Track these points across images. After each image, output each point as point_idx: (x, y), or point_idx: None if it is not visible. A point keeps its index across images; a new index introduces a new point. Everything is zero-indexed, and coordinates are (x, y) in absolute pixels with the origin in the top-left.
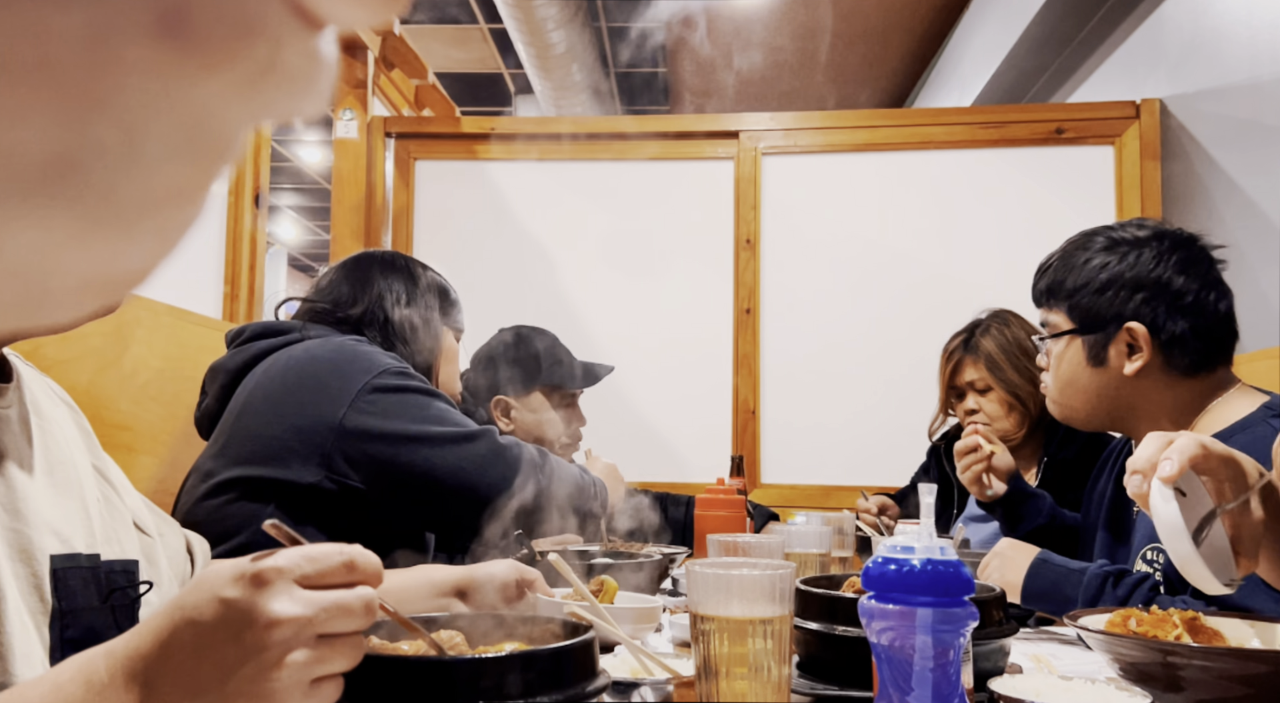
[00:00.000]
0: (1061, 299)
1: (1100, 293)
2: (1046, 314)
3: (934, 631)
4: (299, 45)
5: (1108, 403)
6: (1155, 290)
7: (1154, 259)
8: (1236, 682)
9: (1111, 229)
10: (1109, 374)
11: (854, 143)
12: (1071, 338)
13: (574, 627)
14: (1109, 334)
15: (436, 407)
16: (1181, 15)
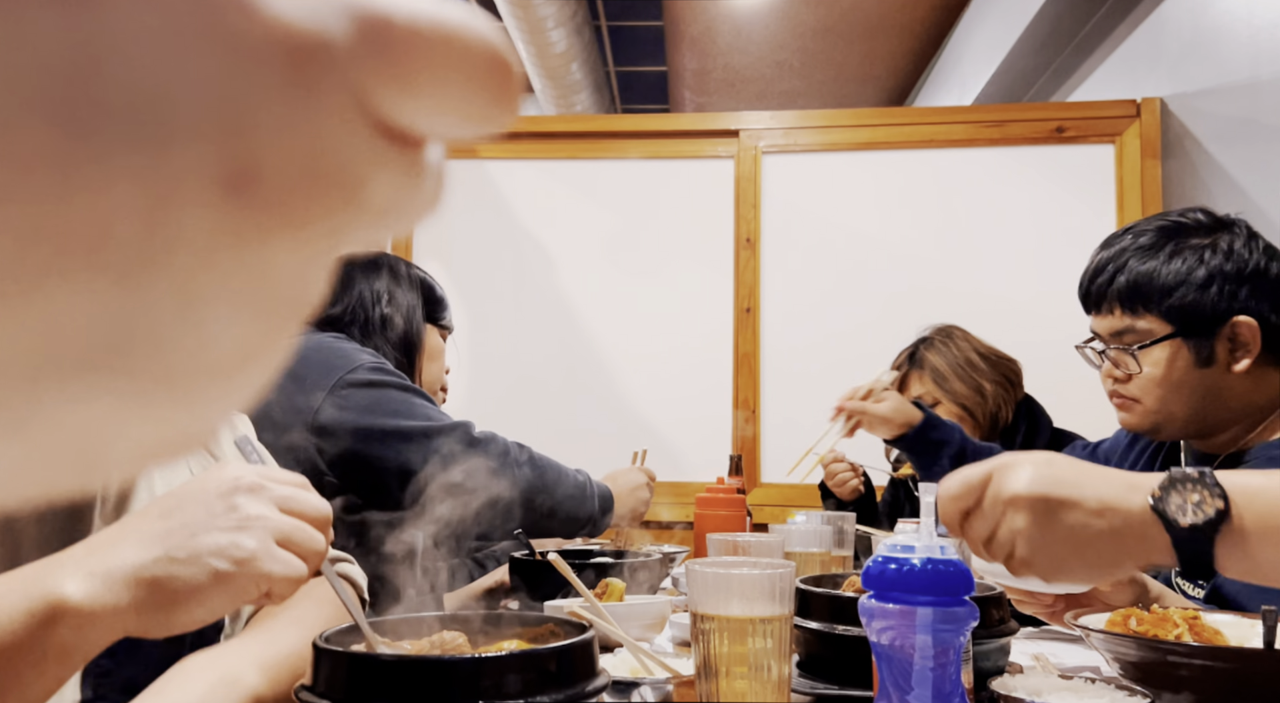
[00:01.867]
0: (1155, 302)
1: (1202, 289)
2: (1130, 320)
3: (934, 630)
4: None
5: (1208, 405)
6: (1258, 281)
7: (1244, 247)
8: (1237, 681)
9: (1160, 219)
10: (1215, 374)
11: (854, 142)
12: (1175, 342)
13: (574, 626)
14: (1214, 332)
15: (411, 402)
16: (1182, 14)
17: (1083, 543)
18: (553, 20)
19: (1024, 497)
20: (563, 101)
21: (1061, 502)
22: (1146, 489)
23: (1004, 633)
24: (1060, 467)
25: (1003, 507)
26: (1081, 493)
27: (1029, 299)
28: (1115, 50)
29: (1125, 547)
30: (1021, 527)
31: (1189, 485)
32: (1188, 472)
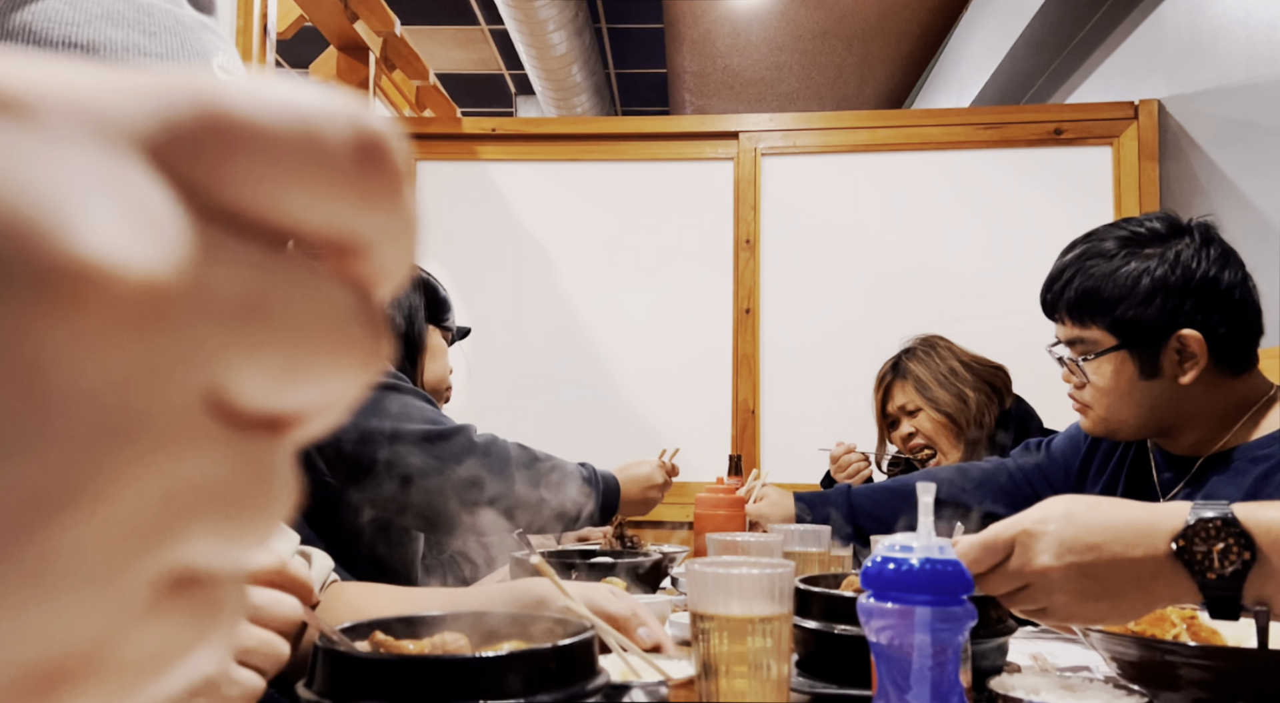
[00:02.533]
0: (1100, 315)
1: (1146, 303)
2: (1079, 331)
3: (933, 629)
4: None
5: (1160, 413)
6: (1204, 293)
7: (1193, 257)
8: (1234, 681)
9: (1121, 227)
10: (1163, 385)
11: (853, 143)
12: (1119, 355)
13: (574, 626)
14: (1159, 345)
15: (411, 404)
16: (1179, 16)
17: (1116, 598)
18: (554, 23)
19: (1055, 568)
20: (563, 103)
21: (1091, 565)
22: (1169, 534)
23: (1002, 632)
24: (1080, 524)
25: (1032, 576)
26: (1109, 552)
27: (1027, 300)
28: (1113, 52)
29: (1155, 594)
30: (1057, 594)
31: (1212, 532)
32: (1210, 517)
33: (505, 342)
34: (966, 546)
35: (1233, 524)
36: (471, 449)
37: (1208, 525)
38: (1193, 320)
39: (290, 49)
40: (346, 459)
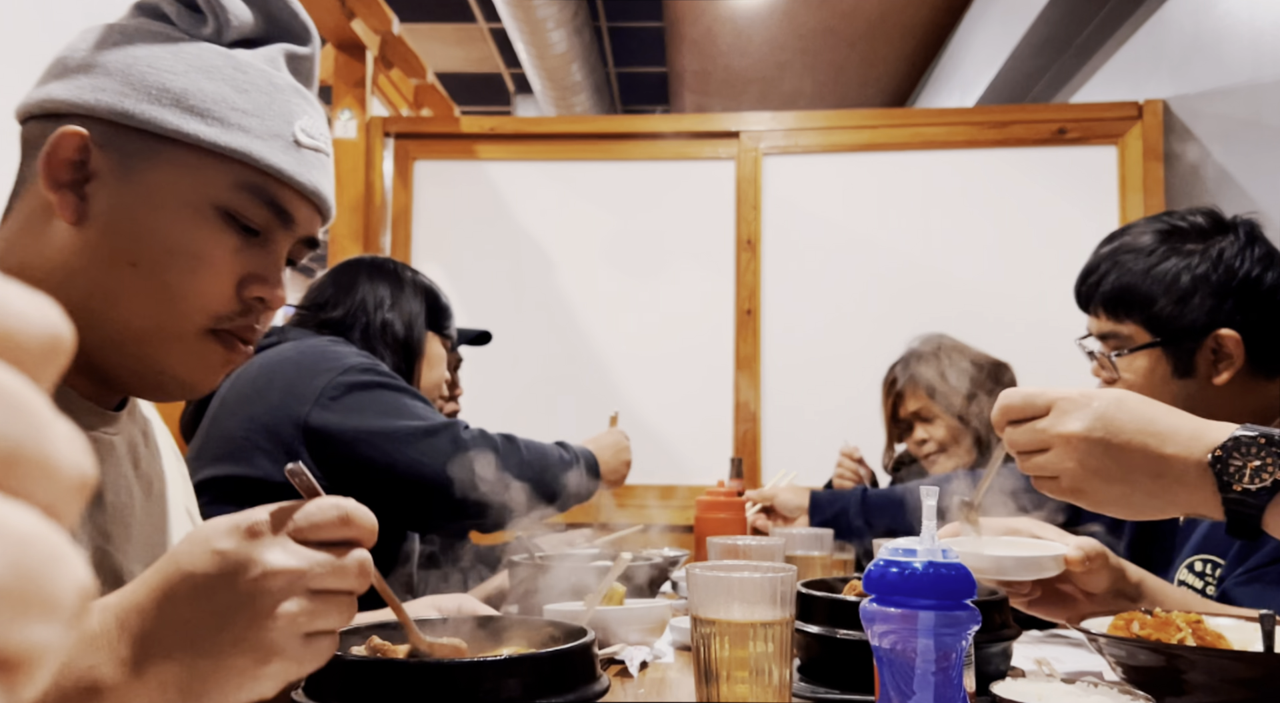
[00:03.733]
0: (1136, 310)
1: (1184, 301)
2: (1113, 325)
3: (935, 634)
4: None
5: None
6: (1245, 293)
7: (1236, 256)
8: (1240, 685)
9: (1161, 221)
10: (1195, 385)
11: (855, 143)
12: (1153, 352)
13: (573, 630)
14: (1195, 343)
15: (401, 401)
16: (1184, 16)
17: (1130, 485)
18: (553, 21)
19: (1080, 437)
20: (563, 103)
21: (1121, 448)
22: (1209, 443)
23: (1006, 637)
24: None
25: (1056, 439)
26: (1142, 440)
27: (1031, 300)
28: (1117, 52)
29: (1175, 496)
30: (1072, 465)
31: (1252, 449)
32: (1253, 434)
33: (504, 343)
34: (1009, 393)
35: (1274, 444)
36: (460, 444)
37: (1250, 441)
38: (1232, 320)
39: None
40: (338, 458)
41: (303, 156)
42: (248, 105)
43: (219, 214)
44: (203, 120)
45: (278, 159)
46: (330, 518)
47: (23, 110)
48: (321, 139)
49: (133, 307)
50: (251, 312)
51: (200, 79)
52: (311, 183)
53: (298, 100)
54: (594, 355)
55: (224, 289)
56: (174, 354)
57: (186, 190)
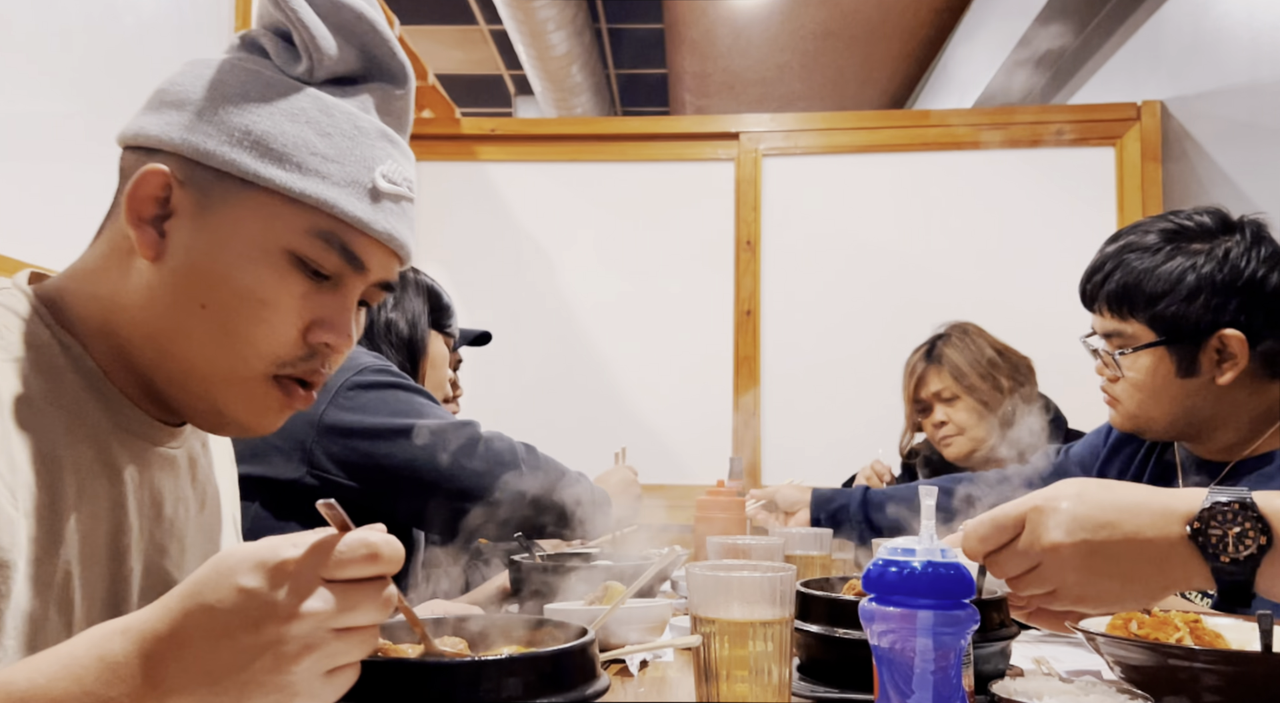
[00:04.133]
0: (1140, 309)
1: (1189, 300)
2: (1118, 324)
3: (935, 633)
4: None
5: (1192, 413)
6: (1250, 293)
7: (1242, 256)
8: (1238, 685)
9: (1167, 220)
10: (1199, 384)
11: (854, 144)
12: (1157, 351)
13: (573, 630)
14: (1199, 343)
15: (416, 401)
16: (1182, 17)
17: (1127, 579)
18: (553, 23)
19: (1066, 545)
20: (563, 104)
21: (1103, 544)
22: (1184, 517)
23: (1005, 636)
24: (1093, 502)
25: (1041, 554)
26: (1121, 531)
27: (1029, 301)
28: (1115, 53)
29: (1168, 577)
30: (1067, 575)
31: (1229, 516)
32: (1226, 501)
33: (504, 343)
34: (976, 522)
35: (1250, 509)
36: (479, 444)
37: (1225, 509)
38: (1236, 320)
39: None
40: (354, 458)
41: (380, 201)
42: (329, 150)
43: (290, 259)
44: (281, 165)
45: (354, 206)
46: (358, 556)
47: (121, 139)
48: (404, 184)
49: (198, 347)
50: (316, 356)
51: (284, 122)
52: (387, 230)
53: (382, 145)
54: (594, 356)
55: (289, 334)
56: (234, 397)
57: (260, 234)
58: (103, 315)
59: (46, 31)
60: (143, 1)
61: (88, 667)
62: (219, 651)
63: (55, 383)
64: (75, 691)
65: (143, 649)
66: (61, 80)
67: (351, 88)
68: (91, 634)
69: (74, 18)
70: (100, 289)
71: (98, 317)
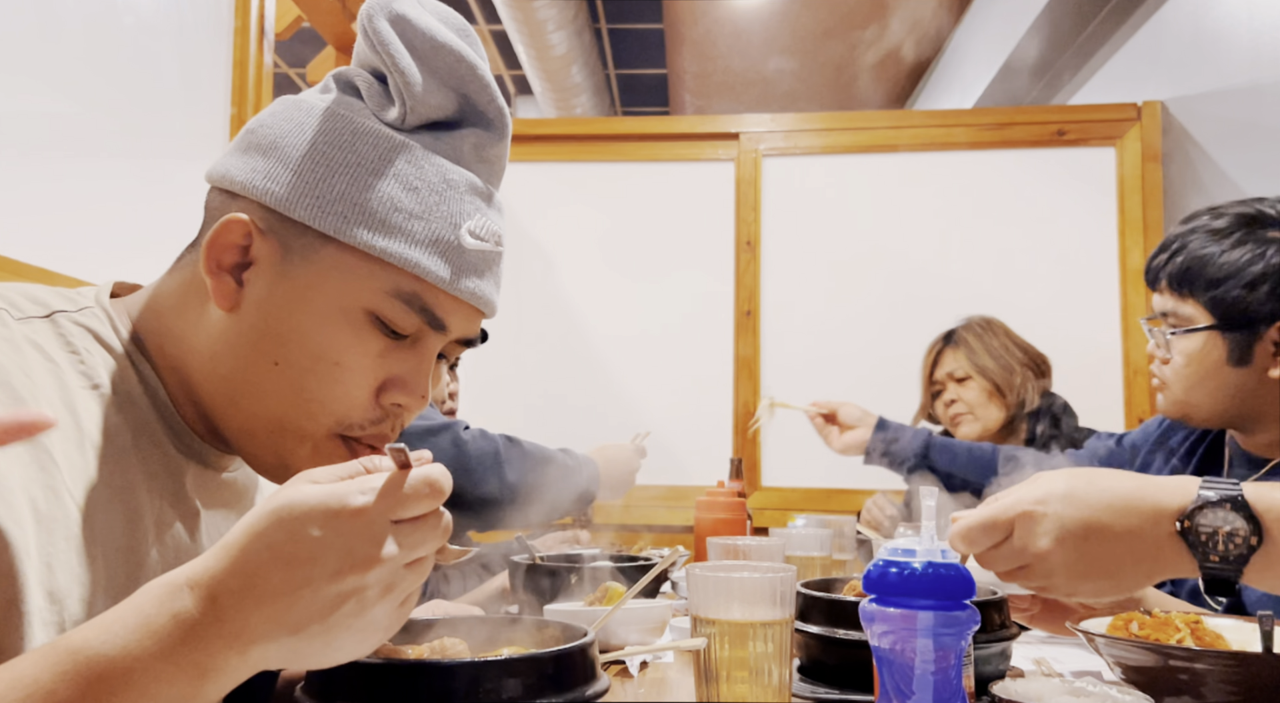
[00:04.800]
0: (1200, 290)
1: (1252, 287)
2: (1175, 303)
3: (935, 634)
4: None
5: (1239, 404)
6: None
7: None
8: (1238, 686)
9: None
10: (1250, 374)
11: (855, 144)
12: (1213, 335)
13: (573, 631)
14: (1256, 332)
15: None
16: (1183, 17)
17: (1117, 573)
18: (553, 23)
19: (1055, 552)
20: (563, 104)
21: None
22: (1173, 513)
23: (1005, 637)
24: (1081, 503)
25: (1031, 557)
26: (1112, 532)
27: (1030, 301)
28: (1116, 53)
29: (1157, 569)
30: (1055, 578)
31: (1219, 513)
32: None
33: (504, 343)
34: (966, 525)
35: (1241, 507)
36: (461, 444)
37: (1215, 506)
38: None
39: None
40: None
41: (465, 259)
42: (415, 207)
43: (369, 318)
44: (366, 223)
45: (437, 267)
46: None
47: (208, 177)
48: (492, 239)
49: (269, 402)
50: (388, 418)
51: (371, 178)
52: (471, 290)
53: (472, 199)
54: (594, 356)
55: (361, 396)
56: (298, 453)
57: (339, 293)
58: (177, 354)
59: (46, 31)
60: (143, 1)
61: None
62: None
63: (131, 414)
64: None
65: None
66: (61, 80)
67: (446, 134)
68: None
69: (73, 17)
70: (175, 325)
71: (173, 353)
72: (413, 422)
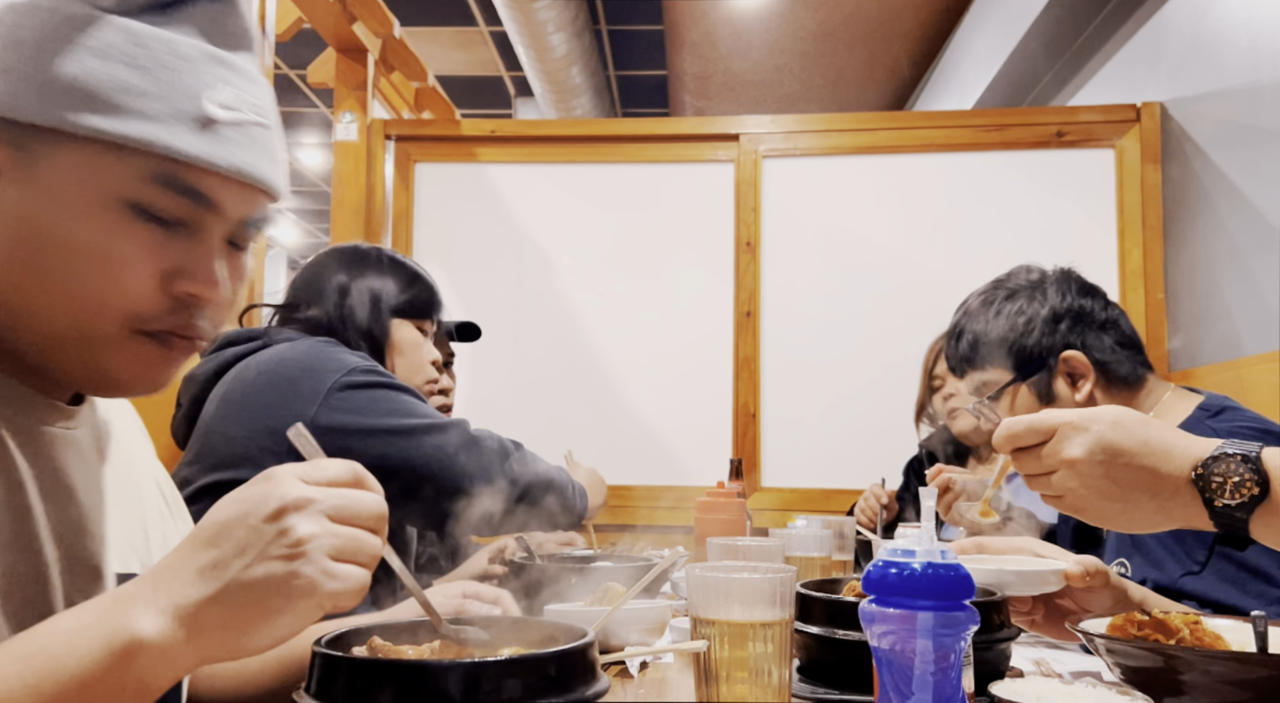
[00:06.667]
0: (992, 356)
1: (1026, 335)
2: (979, 376)
3: (934, 634)
4: None
5: None
6: (1073, 317)
7: (1058, 293)
8: (1238, 686)
9: (1000, 282)
10: (1064, 405)
11: (854, 146)
12: (1016, 387)
13: (573, 631)
14: (1050, 370)
15: (405, 400)
16: (1182, 19)
17: (1129, 504)
18: (553, 24)
19: (1083, 462)
20: (563, 105)
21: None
22: (1195, 460)
23: (1005, 638)
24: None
25: (1059, 463)
26: (1138, 461)
27: None
28: (1115, 55)
29: (1169, 511)
30: (1076, 486)
31: (1230, 465)
32: (1232, 452)
33: (504, 345)
34: (1014, 421)
35: (1251, 461)
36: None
37: (1229, 458)
38: (1070, 342)
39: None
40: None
41: (220, 134)
42: (146, 85)
43: (129, 209)
44: (95, 110)
45: (183, 142)
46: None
47: None
48: (248, 109)
49: (50, 312)
50: (186, 308)
51: (92, 62)
52: (232, 163)
53: (213, 69)
54: (594, 357)
55: (143, 289)
56: (106, 357)
57: (91, 188)
58: None
59: None
60: None
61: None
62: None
63: None
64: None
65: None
66: None
67: (174, 10)
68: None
69: None
70: None
71: None
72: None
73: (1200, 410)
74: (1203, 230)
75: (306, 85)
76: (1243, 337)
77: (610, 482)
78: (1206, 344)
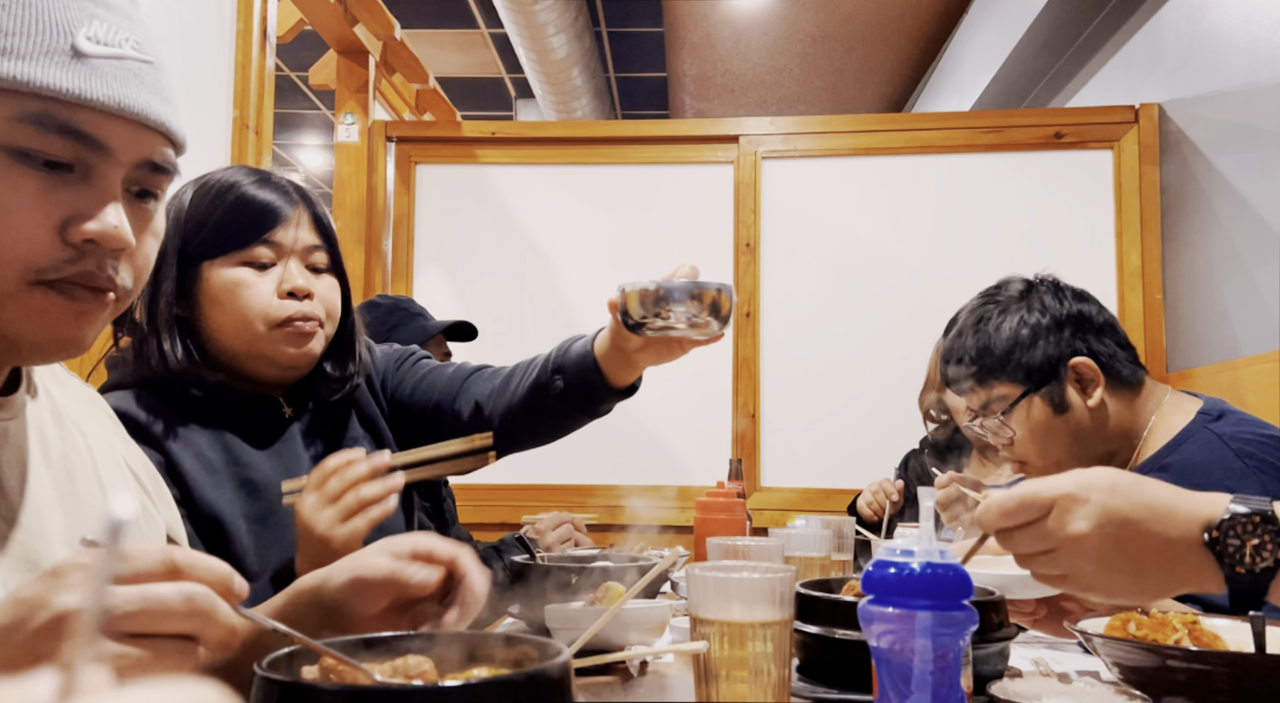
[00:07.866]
0: (999, 371)
1: (1032, 345)
2: (988, 393)
3: (933, 634)
4: None
5: (1086, 442)
6: (1075, 322)
7: (1055, 300)
8: (1236, 686)
9: (990, 296)
10: (1077, 415)
11: (853, 147)
12: (1030, 399)
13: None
14: (1060, 378)
15: None
16: (1180, 20)
17: (1141, 575)
18: (554, 26)
19: (1090, 536)
20: (563, 107)
21: (1125, 540)
22: (1204, 522)
23: (1003, 637)
24: (1124, 497)
25: (1063, 540)
26: (1146, 528)
27: None
28: (1113, 56)
29: (1181, 577)
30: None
31: (1249, 527)
32: (1246, 511)
33: (504, 345)
34: (1004, 497)
35: (1270, 522)
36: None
37: (1244, 520)
38: (1076, 349)
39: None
40: None
41: (95, 68)
42: (12, 25)
43: (10, 154)
44: None
45: (55, 77)
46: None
47: None
48: (124, 43)
49: None
50: (88, 255)
51: None
52: (113, 98)
53: (83, 4)
54: None
55: (36, 236)
56: (8, 314)
57: None
58: None
59: None
60: (144, 4)
61: None
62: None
63: None
64: None
65: None
66: None
67: None
68: None
69: None
70: None
71: None
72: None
73: (1202, 415)
74: (1201, 231)
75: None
76: (1240, 337)
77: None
78: (1204, 345)
